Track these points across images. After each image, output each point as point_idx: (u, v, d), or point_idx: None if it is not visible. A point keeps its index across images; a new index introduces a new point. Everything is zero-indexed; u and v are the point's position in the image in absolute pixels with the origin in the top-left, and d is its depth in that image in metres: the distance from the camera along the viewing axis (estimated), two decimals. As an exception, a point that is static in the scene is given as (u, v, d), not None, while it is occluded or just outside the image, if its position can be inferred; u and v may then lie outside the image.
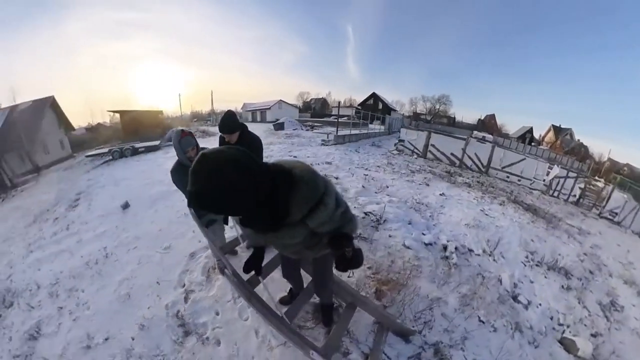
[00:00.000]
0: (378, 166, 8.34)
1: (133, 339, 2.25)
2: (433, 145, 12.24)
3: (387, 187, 5.92)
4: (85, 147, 21.18)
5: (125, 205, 5.26)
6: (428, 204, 5.17)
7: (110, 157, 11.71)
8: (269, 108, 37.57)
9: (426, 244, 3.39)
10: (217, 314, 2.33)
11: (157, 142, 12.96)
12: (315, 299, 2.19)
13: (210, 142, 12.80)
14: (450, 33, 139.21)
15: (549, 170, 10.81)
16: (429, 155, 12.32)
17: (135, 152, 11.90)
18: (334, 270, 1.43)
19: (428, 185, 6.81)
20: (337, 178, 6.16)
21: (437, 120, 46.55)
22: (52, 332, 2.59)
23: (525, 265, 3.70)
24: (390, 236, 3.42)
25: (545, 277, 3.60)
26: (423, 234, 3.65)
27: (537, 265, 3.82)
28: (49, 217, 6.76)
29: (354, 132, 15.02)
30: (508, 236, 4.41)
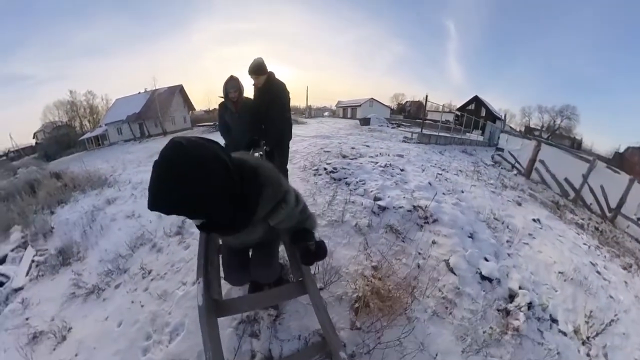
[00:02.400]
0: (460, 170, 7.01)
1: (150, 222, 3.44)
2: (542, 162, 9.31)
3: (463, 192, 4.79)
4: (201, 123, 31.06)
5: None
6: (510, 224, 3.90)
7: (214, 129, 18.22)
8: (360, 105, 38.29)
9: (482, 276, 2.34)
10: (204, 232, 3.07)
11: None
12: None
13: (299, 129, 14.11)
14: (585, 27, 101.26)
15: None
16: (534, 175, 9.53)
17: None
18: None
19: (520, 205, 5.32)
20: (402, 170, 5.30)
21: (556, 140, 38.29)
22: (118, 204, 4.49)
23: (642, 386, 2.11)
24: (434, 242, 2.55)
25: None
26: (485, 259, 2.56)
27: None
28: (160, 155, 11.15)
29: (442, 134, 13.29)
30: (627, 322, 2.69)
